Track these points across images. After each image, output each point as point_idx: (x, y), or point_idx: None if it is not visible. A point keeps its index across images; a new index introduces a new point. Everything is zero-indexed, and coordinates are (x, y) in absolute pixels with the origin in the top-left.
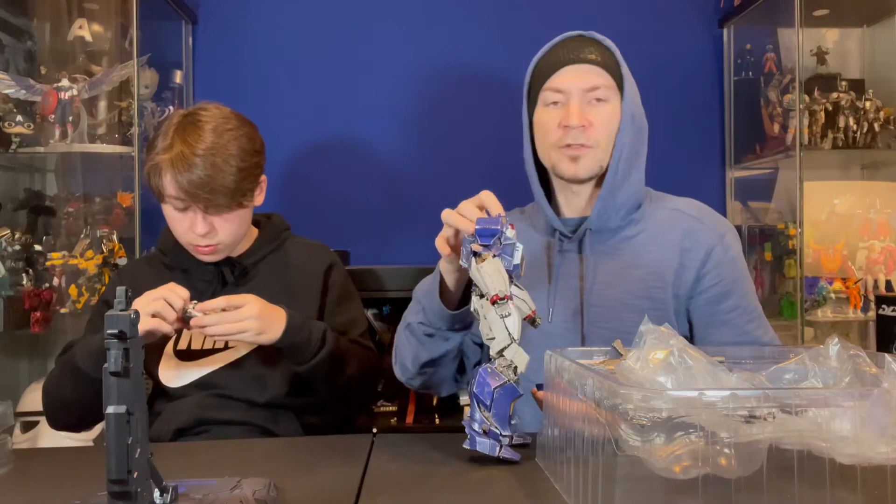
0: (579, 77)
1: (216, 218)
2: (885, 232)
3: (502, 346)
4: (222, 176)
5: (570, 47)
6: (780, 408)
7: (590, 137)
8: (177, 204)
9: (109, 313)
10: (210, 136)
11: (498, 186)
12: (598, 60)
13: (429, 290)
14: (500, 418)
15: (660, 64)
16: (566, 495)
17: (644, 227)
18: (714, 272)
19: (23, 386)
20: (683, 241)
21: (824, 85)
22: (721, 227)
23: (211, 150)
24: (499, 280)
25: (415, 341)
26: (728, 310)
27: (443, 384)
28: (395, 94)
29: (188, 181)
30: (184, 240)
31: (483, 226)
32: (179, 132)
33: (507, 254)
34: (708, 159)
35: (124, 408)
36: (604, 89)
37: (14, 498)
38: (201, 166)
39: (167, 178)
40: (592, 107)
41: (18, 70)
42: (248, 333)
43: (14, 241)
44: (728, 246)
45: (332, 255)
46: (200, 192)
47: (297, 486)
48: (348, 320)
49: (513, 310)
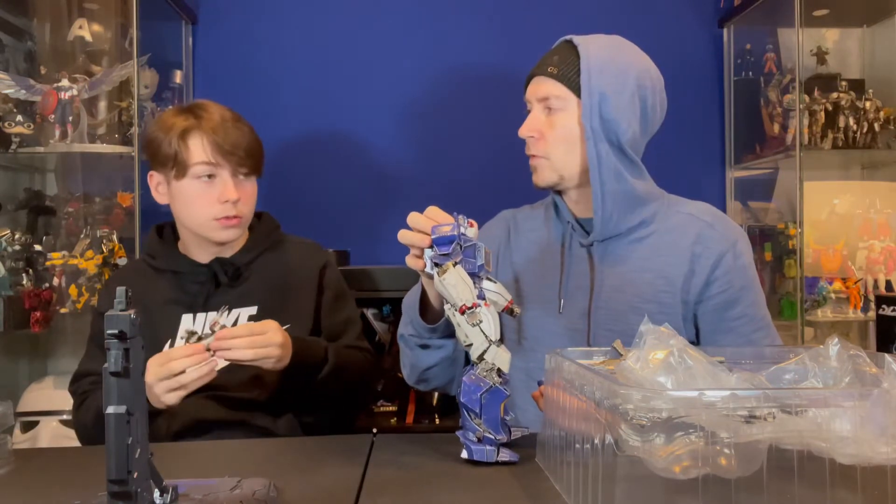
0: (536, 88)
1: (244, 182)
2: (885, 232)
3: (481, 350)
4: (249, 137)
5: (544, 57)
6: (780, 408)
7: (539, 149)
8: (204, 170)
9: (109, 313)
10: (224, 111)
11: (498, 186)
12: (553, 71)
13: (412, 303)
14: (491, 423)
15: (660, 64)
16: (566, 495)
17: (655, 229)
18: (723, 279)
19: (23, 386)
20: (695, 246)
21: (824, 85)
22: (734, 234)
23: (234, 117)
24: (462, 289)
25: (410, 352)
26: (735, 317)
27: (450, 385)
28: (395, 93)
29: (224, 139)
30: (207, 215)
31: (439, 234)
32: (193, 110)
33: (469, 256)
34: (708, 159)
35: (124, 408)
36: (554, 99)
37: (14, 498)
38: (230, 126)
39: (198, 141)
40: (547, 116)
41: (18, 70)
42: (271, 361)
43: (14, 241)
44: (740, 253)
45: (325, 255)
46: (233, 149)
47: (297, 486)
48: (345, 321)
49: (485, 314)
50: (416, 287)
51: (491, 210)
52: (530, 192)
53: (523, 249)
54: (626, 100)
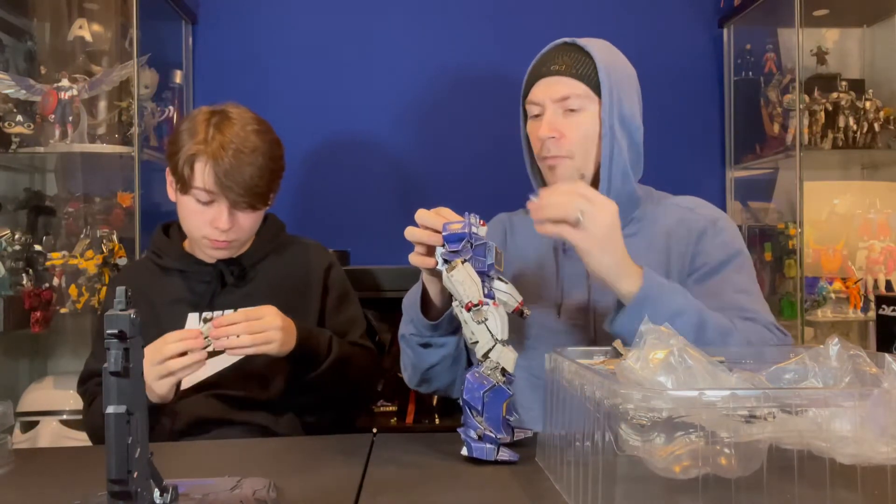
0: (550, 89)
1: (239, 214)
2: (885, 232)
3: (486, 348)
4: (256, 174)
5: (548, 58)
6: (780, 408)
7: (562, 148)
8: (203, 196)
9: (109, 313)
10: (244, 134)
11: (498, 186)
12: (570, 71)
13: (413, 301)
14: (493, 422)
15: (660, 64)
16: (566, 495)
17: (643, 225)
18: (704, 252)
19: (23, 386)
20: (677, 229)
21: (824, 85)
22: (714, 214)
23: (247, 146)
24: (469, 286)
25: (411, 352)
26: (717, 283)
27: (452, 386)
28: (396, 93)
29: (225, 173)
30: (199, 233)
31: (449, 231)
32: (216, 126)
33: (479, 255)
34: (708, 159)
35: (124, 408)
36: (575, 98)
37: (14, 498)
38: (238, 161)
39: (203, 169)
40: (565, 117)
41: (18, 70)
42: (273, 345)
43: (14, 241)
44: (721, 230)
45: (330, 256)
46: (234, 186)
47: (297, 486)
48: (349, 320)
49: (492, 313)
50: (416, 286)
51: (492, 211)
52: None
53: (520, 251)
54: (635, 99)
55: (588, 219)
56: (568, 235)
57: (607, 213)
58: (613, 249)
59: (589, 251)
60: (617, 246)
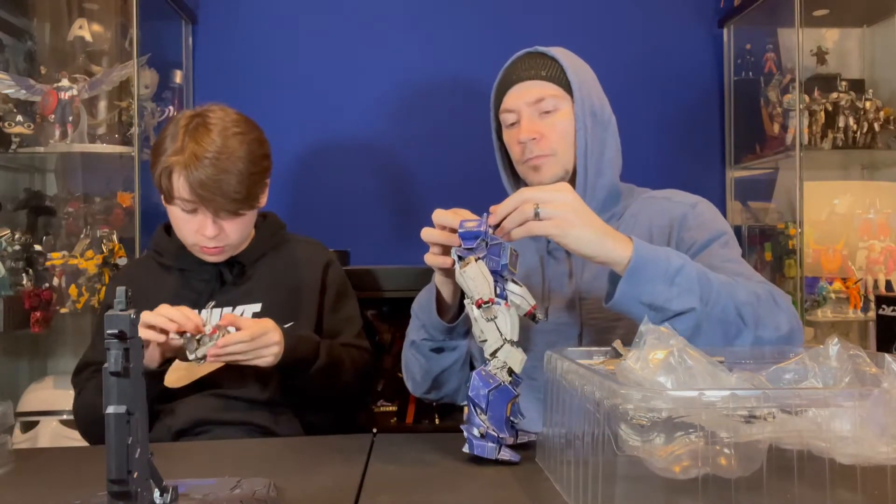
0: (524, 94)
1: (225, 220)
2: (885, 232)
3: (495, 347)
4: (233, 181)
5: (516, 67)
6: (780, 408)
7: (544, 148)
8: (186, 206)
9: (109, 313)
10: (221, 140)
11: (498, 186)
12: (540, 74)
13: (426, 304)
14: (496, 421)
15: (660, 64)
16: (566, 495)
17: (623, 220)
18: (688, 236)
19: (23, 386)
20: (658, 219)
21: (824, 85)
22: (692, 200)
23: (223, 154)
24: (481, 283)
25: (422, 358)
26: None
27: (457, 393)
28: (395, 93)
29: (200, 184)
30: (190, 241)
31: (465, 229)
32: (191, 134)
33: (494, 254)
34: (708, 159)
35: (124, 408)
36: (549, 99)
37: (14, 498)
38: (213, 170)
39: (178, 180)
40: (542, 119)
41: (18, 70)
42: (268, 359)
43: (14, 241)
44: (701, 212)
45: (329, 254)
46: (212, 195)
47: (297, 486)
48: (345, 318)
49: (501, 311)
50: (425, 290)
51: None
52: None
53: None
54: (602, 95)
55: (546, 206)
56: (537, 230)
57: (563, 192)
58: (588, 221)
59: (564, 233)
60: (591, 218)
